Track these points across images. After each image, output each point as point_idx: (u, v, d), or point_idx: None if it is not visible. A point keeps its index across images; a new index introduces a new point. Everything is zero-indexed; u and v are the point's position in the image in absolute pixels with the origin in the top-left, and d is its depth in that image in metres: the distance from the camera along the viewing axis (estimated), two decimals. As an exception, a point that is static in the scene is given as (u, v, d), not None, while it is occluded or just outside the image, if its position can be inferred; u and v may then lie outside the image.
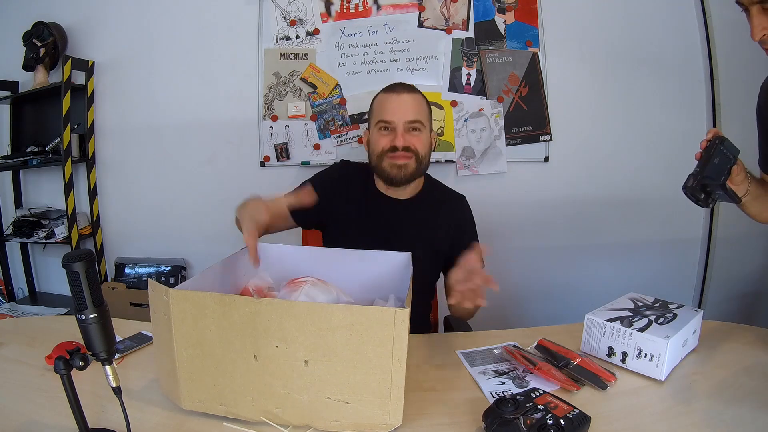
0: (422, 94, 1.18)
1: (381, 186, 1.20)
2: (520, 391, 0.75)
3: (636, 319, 0.85)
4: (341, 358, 0.63)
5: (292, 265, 0.97)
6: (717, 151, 0.80)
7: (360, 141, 2.04)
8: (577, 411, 0.64)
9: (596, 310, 0.90)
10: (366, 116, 2.00)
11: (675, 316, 0.86)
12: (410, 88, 1.16)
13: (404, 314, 0.61)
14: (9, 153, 2.22)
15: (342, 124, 2.03)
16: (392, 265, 0.96)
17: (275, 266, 0.98)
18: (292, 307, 0.63)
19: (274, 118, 2.05)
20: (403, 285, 0.91)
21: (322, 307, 0.63)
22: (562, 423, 0.61)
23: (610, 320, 0.85)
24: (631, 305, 0.92)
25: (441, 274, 1.24)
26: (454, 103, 1.99)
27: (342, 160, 1.31)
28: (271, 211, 0.97)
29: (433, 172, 1.33)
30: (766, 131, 0.99)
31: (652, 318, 0.85)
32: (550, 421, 0.61)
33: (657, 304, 0.92)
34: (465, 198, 1.27)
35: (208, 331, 0.66)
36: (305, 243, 1.48)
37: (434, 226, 1.19)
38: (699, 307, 2.05)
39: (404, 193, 1.19)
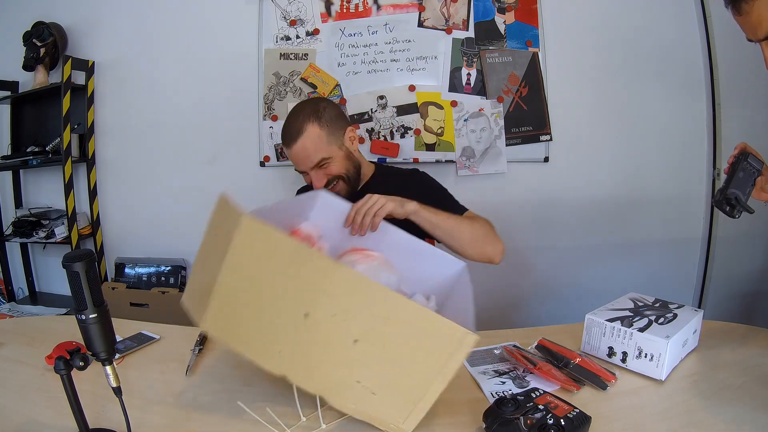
0: (313, 120, 1.10)
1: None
2: (520, 391, 0.75)
3: (636, 319, 0.85)
4: (390, 352, 0.62)
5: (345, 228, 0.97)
6: (741, 165, 0.86)
7: None
8: (578, 411, 0.64)
9: (596, 310, 0.90)
10: (366, 116, 2.01)
11: (675, 316, 0.86)
12: (296, 132, 1.10)
13: (471, 340, 0.61)
14: (9, 153, 2.22)
15: (342, 124, 2.04)
16: (443, 266, 0.95)
17: (331, 220, 0.97)
18: (369, 287, 0.61)
19: (274, 118, 2.05)
20: (445, 290, 0.90)
21: (398, 299, 0.61)
22: (563, 423, 0.61)
23: (611, 320, 0.85)
24: (632, 305, 0.92)
25: None
26: (454, 103, 1.99)
27: (299, 190, 1.35)
28: None
29: (433, 172, 1.33)
30: None
31: (653, 318, 0.85)
32: (551, 421, 0.61)
33: (657, 304, 0.92)
34: (417, 170, 1.29)
35: (267, 271, 0.62)
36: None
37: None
38: (699, 307, 2.05)
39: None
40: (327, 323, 0.62)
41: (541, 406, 0.64)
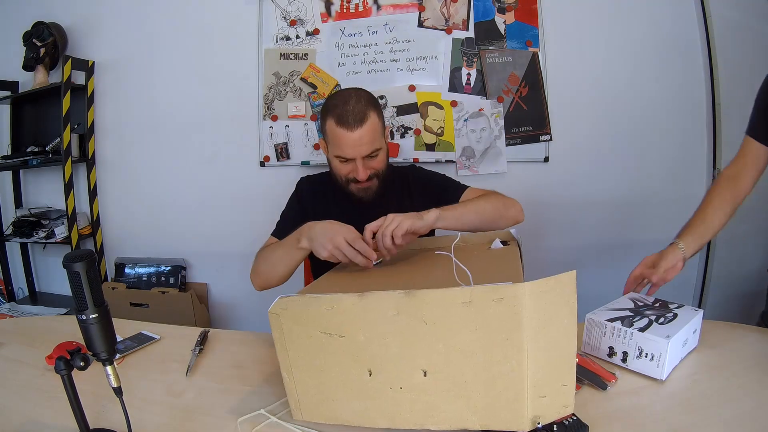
0: (373, 109, 1.09)
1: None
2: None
3: (636, 318, 0.85)
4: (462, 356, 0.60)
5: None
6: None
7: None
8: (575, 418, 0.63)
9: (597, 310, 0.89)
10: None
11: (675, 315, 0.86)
12: (361, 116, 1.06)
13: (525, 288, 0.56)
14: (9, 153, 2.23)
15: (342, 124, 2.04)
16: None
17: None
18: (391, 308, 0.61)
19: (274, 118, 2.05)
20: None
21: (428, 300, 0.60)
22: (555, 429, 0.60)
23: (611, 320, 0.85)
24: (632, 305, 0.92)
25: None
26: (454, 103, 1.99)
27: (302, 178, 1.30)
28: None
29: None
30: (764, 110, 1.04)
31: (653, 318, 0.85)
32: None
33: (657, 304, 0.92)
34: (413, 165, 1.31)
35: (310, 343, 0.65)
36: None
37: (411, 202, 1.21)
38: (699, 307, 2.04)
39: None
40: (388, 365, 0.62)
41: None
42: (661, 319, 0.84)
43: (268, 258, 1.06)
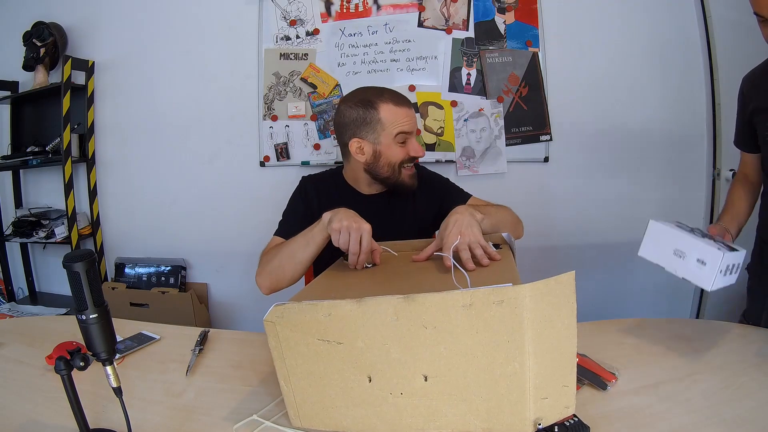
0: None
1: (362, 187, 1.21)
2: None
3: (694, 231, 0.94)
4: (466, 357, 0.60)
5: None
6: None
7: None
8: (576, 419, 0.63)
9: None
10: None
11: (724, 244, 0.89)
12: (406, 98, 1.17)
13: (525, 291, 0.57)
14: (9, 153, 2.23)
15: (342, 124, 2.03)
16: None
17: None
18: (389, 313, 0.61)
19: (274, 118, 2.05)
20: None
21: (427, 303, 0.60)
22: (556, 431, 0.60)
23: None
24: (685, 226, 1.00)
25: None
26: (454, 103, 1.99)
27: (304, 177, 1.26)
28: None
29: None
30: (743, 116, 1.14)
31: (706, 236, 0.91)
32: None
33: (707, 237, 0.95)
34: (417, 165, 1.28)
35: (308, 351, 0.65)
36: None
37: (413, 203, 1.22)
38: (699, 307, 2.04)
39: (377, 187, 1.20)
40: (388, 370, 0.61)
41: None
42: (710, 239, 0.89)
43: (282, 251, 1.01)
